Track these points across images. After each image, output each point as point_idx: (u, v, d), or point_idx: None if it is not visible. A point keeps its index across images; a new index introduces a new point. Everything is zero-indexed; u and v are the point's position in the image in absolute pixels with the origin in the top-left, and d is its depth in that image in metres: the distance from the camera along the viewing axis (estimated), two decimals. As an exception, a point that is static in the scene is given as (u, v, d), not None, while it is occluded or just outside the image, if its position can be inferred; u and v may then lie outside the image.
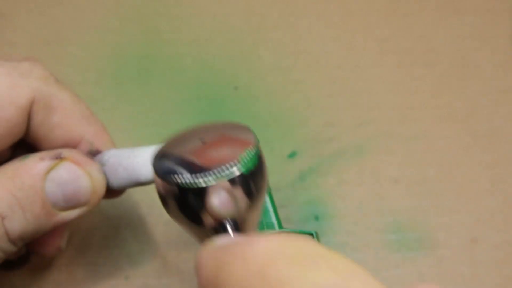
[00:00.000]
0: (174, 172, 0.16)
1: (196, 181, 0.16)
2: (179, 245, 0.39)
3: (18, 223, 0.24)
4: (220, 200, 0.16)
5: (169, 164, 0.17)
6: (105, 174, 0.28)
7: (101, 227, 0.40)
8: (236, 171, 0.16)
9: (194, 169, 0.16)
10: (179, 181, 0.16)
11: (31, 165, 0.24)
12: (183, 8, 0.47)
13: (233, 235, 0.16)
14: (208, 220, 0.16)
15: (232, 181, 0.16)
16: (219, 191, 0.16)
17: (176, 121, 0.44)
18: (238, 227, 0.17)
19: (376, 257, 0.40)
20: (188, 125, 0.29)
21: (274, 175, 0.42)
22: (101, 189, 0.27)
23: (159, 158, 0.18)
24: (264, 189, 0.18)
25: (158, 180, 0.17)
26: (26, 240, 0.25)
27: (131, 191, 0.41)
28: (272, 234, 0.14)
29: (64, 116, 0.27)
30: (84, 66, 0.45)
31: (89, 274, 0.39)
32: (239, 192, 0.16)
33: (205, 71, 0.45)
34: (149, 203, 0.41)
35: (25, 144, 0.28)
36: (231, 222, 0.16)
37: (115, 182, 0.28)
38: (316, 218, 0.41)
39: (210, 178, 0.16)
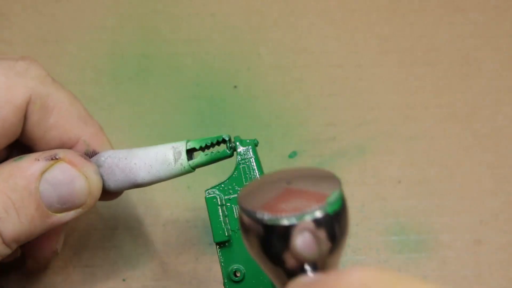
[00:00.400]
0: (259, 210, 0.16)
1: (281, 219, 0.15)
2: (178, 247, 0.39)
3: (12, 225, 0.23)
4: (303, 241, 0.16)
5: (254, 201, 0.17)
6: (101, 175, 0.27)
7: (98, 228, 0.39)
8: (321, 212, 0.16)
9: (279, 208, 0.16)
10: (264, 217, 0.16)
11: (26, 166, 0.24)
12: (182, 7, 0.47)
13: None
14: (289, 262, 0.16)
15: (317, 221, 0.16)
16: (303, 231, 0.15)
17: (175, 121, 0.43)
18: (317, 271, 0.16)
19: (378, 259, 0.39)
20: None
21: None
22: (97, 190, 0.27)
23: (245, 195, 0.17)
24: (347, 234, 0.18)
25: (244, 216, 0.17)
26: (21, 242, 0.25)
27: (128, 192, 0.41)
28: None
29: (61, 117, 0.27)
30: (82, 65, 0.44)
31: (86, 276, 0.38)
32: (323, 234, 0.16)
33: (204, 70, 0.45)
34: (147, 204, 0.40)
35: (20, 145, 0.27)
36: (311, 266, 0.16)
37: (112, 183, 0.28)
38: (317, 219, 0.40)
39: (294, 218, 0.15)
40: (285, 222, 0.15)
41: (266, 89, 0.45)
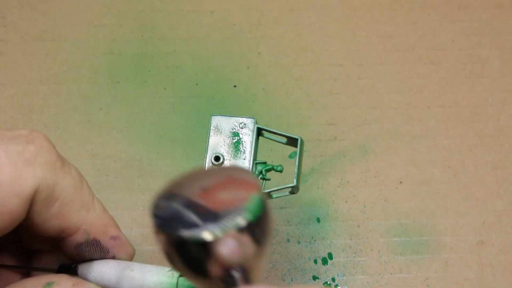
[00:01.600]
0: (177, 225, 0.15)
1: (202, 234, 0.15)
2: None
3: None
4: (228, 249, 0.15)
5: (170, 215, 0.16)
6: None
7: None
8: (243, 220, 0.15)
9: (198, 220, 0.15)
10: (184, 235, 0.15)
11: None
12: (180, 4, 0.46)
13: (242, 286, 0.16)
14: (216, 271, 0.15)
15: (240, 230, 0.15)
16: (226, 240, 0.15)
17: (173, 121, 0.43)
18: (247, 276, 0.16)
19: (379, 260, 0.39)
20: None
21: (274, 175, 0.41)
22: None
23: (159, 208, 0.16)
24: (271, 233, 0.17)
25: (161, 234, 0.16)
26: None
27: (127, 193, 0.40)
28: None
29: (63, 206, 0.26)
30: (79, 64, 0.44)
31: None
32: (246, 240, 0.15)
33: (203, 69, 0.44)
34: (145, 205, 0.40)
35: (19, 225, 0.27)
36: (239, 272, 0.15)
37: None
38: (318, 220, 0.40)
39: (216, 230, 0.15)
40: (206, 237, 0.15)
41: (266, 88, 0.44)
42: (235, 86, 0.44)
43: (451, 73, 0.44)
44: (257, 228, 0.16)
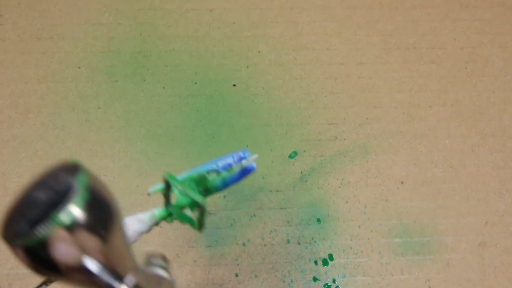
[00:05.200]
0: (15, 236, 0.15)
1: (28, 240, 0.14)
2: (175, 249, 0.38)
3: None
4: (60, 253, 0.14)
5: (10, 231, 0.16)
6: None
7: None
8: (66, 216, 0.14)
9: (26, 227, 0.15)
10: (17, 243, 0.15)
11: None
12: (179, 2, 0.46)
13: (100, 273, 0.15)
14: (67, 270, 0.15)
15: (68, 226, 0.15)
16: (54, 243, 0.14)
17: (172, 120, 0.42)
18: (106, 265, 0.15)
19: (380, 261, 0.38)
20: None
21: (274, 176, 0.41)
22: None
23: (4, 229, 0.16)
24: (111, 214, 0.16)
25: (11, 248, 0.16)
26: None
27: (125, 194, 0.40)
28: None
29: None
30: (77, 62, 0.43)
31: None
32: (82, 235, 0.15)
33: (202, 68, 0.44)
34: (143, 206, 0.39)
35: None
36: (92, 264, 0.15)
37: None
38: (318, 220, 0.39)
39: (39, 233, 0.14)
40: (34, 240, 0.14)
41: (266, 87, 0.43)
42: (234, 85, 0.43)
43: (453, 72, 0.44)
44: (91, 218, 0.15)
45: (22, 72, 0.43)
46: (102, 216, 0.16)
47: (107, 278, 0.15)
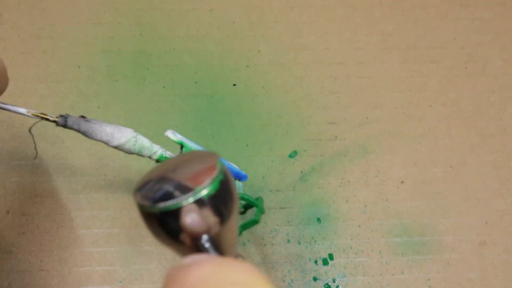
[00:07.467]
0: (148, 200, 0.19)
1: (170, 204, 0.18)
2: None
3: None
4: (190, 219, 0.18)
5: (147, 193, 0.20)
6: None
7: (95, 230, 0.39)
8: (198, 195, 0.18)
9: (171, 192, 0.19)
10: (156, 207, 0.19)
11: None
12: (179, 2, 0.46)
13: (209, 253, 0.19)
14: (186, 239, 0.19)
15: (198, 203, 0.19)
16: (189, 211, 0.18)
17: (172, 120, 0.42)
18: (215, 243, 0.19)
19: (381, 261, 0.38)
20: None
21: (274, 175, 0.41)
22: None
23: (140, 189, 0.21)
24: (233, 208, 0.20)
25: (141, 209, 0.20)
26: None
27: (125, 194, 0.40)
28: (210, 260, 0.16)
29: None
30: (77, 62, 0.43)
31: (82, 278, 0.37)
32: (206, 212, 0.19)
33: (202, 68, 0.44)
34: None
35: None
36: (205, 239, 0.19)
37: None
38: (318, 220, 0.39)
39: (182, 201, 0.18)
40: (172, 207, 0.18)
41: (266, 87, 0.43)
42: (234, 84, 0.43)
43: (453, 72, 0.44)
44: (215, 203, 0.19)
45: (22, 71, 0.43)
46: (227, 200, 0.19)
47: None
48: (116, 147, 0.30)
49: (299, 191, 0.41)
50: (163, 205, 0.18)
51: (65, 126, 0.29)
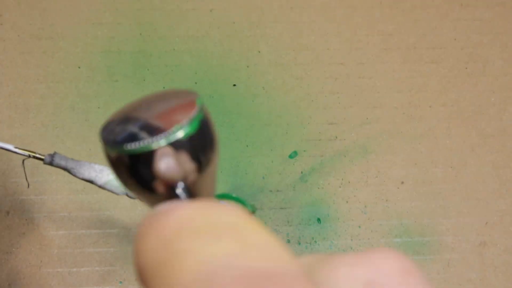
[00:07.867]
0: (117, 141, 0.17)
1: (140, 147, 0.16)
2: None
3: None
4: (164, 164, 0.16)
5: (113, 133, 0.18)
6: None
7: (95, 230, 0.39)
8: (174, 136, 0.16)
9: (136, 137, 0.17)
10: (125, 147, 0.16)
11: None
12: (179, 2, 0.46)
13: (183, 201, 0.17)
14: (158, 186, 0.17)
15: (173, 145, 0.16)
16: (163, 155, 0.16)
17: (172, 120, 0.42)
18: (191, 193, 0.17)
19: (380, 261, 0.38)
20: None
21: (274, 175, 0.41)
22: None
23: (105, 128, 0.18)
24: (213, 152, 0.18)
25: (108, 149, 0.17)
26: None
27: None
28: (190, 203, 0.14)
29: None
30: (77, 62, 0.43)
31: (82, 278, 0.37)
32: (183, 156, 0.17)
33: (202, 68, 0.44)
34: (143, 205, 0.39)
35: None
36: (181, 188, 0.17)
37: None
38: (318, 220, 0.39)
39: (153, 143, 0.16)
40: (142, 150, 0.16)
41: (266, 87, 0.43)
42: (234, 85, 0.43)
43: (453, 72, 0.44)
44: (192, 146, 0.17)
45: (22, 72, 0.43)
46: (207, 143, 0.17)
47: None
48: (104, 185, 0.29)
49: (299, 192, 0.40)
50: (130, 147, 0.16)
51: (51, 164, 0.28)
